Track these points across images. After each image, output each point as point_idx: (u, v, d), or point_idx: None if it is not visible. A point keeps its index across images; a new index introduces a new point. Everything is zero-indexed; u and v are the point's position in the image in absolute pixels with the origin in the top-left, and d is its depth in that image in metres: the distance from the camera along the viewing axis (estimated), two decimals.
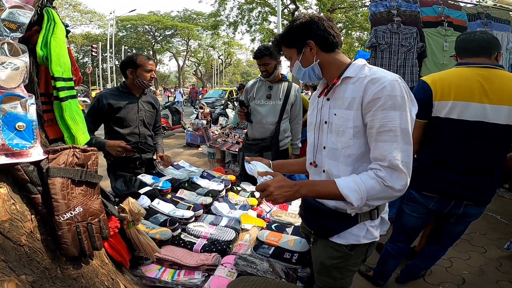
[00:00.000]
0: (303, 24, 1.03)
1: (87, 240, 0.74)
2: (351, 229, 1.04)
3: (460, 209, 1.57)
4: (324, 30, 1.02)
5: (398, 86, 0.89)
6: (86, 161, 0.77)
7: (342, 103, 1.00)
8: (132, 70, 1.90)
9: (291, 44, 1.08)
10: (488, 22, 3.67)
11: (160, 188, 1.74)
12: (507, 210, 3.42)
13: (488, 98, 1.40)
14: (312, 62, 1.05)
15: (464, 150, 1.49)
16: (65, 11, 26.85)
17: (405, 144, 0.88)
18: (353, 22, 13.14)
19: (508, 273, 2.27)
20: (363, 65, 1.01)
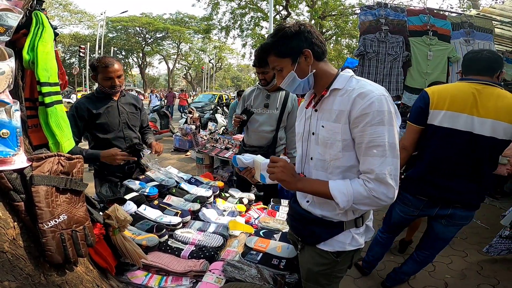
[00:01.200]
0: (297, 32, 0.98)
1: (71, 247, 0.73)
2: (337, 237, 1.06)
3: (447, 211, 1.67)
4: (317, 38, 1.00)
5: (385, 101, 0.90)
6: (71, 169, 0.76)
7: (329, 116, 1.00)
8: (94, 75, 1.84)
9: (284, 53, 1.01)
10: (471, 31, 3.81)
11: (147, 194, 1.72)
12: (486, 215, 3.52)
13: (477, 111, 1.52)
14: (308, 73, 1.01)
15: (454, 157, 1.59)
16: (55, 11, 26.27)
17: (393, 157, 0.91)
18: (342, 30, 13.39)
19: (489, 276, 2.34)
20: (350, 76, 1.00)
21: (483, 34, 3.89)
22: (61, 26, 27.98)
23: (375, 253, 2.18)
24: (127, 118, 1.96)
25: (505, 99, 1.51)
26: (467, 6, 10.73)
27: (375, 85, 0.95)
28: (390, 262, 2.40)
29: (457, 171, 1.60)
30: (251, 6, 14.50)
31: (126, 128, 1.95)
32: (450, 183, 1.62)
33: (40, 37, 0.88)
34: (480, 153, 1.55)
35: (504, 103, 1.50)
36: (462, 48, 3.76)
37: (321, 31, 14.60)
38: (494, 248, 2.47)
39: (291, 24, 1.01)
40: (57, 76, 0.92)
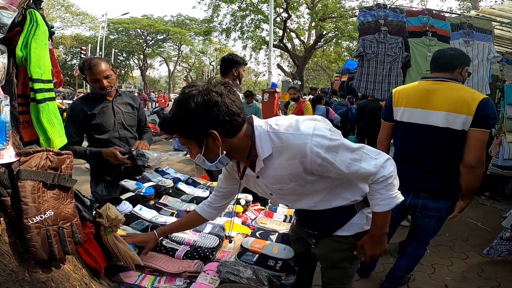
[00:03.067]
0: (200, 108, 0.81)
1: (57, 244, 0.72)
2: (352, 220, 1.11)
3: (419, 201, 1.78)
4: (228, 111, 0.84)
5: (317, 141, 0.88)
6: (60, 165, 0.75)
7: (281, 179, 0.99)
8: (84, 76, 1.83)
9: (188, 134, 0.88)
10: (470, 32, 3.81)
11: (143, 194, 1.70)
12: (487, 217, 3.51)
13: (431, 105, 1.68)
14: (219, 155, 0.89)
15: (415, 148, 1.76)
16: (57, 12, 26.46)
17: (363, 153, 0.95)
18: (342, 32, 13.41)
19: (490, 278, 2.33)
20: (266, 132, 0.93)
21: (482, 34, 3.88)
22: (62, 27, 28.18)
23: None
24: (123, 118, 1.95)
25: (455, 92, 1.64)
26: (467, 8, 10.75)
27: (296, 134, 0.90)
28: (390, 264, 2.37)
29: (419, 161, 1.75)
30: (252, 9, 14.54)
31: (122, 128, 1.94)
32: (414, 173, 1.76)
33: (33, 34, 0.88)
34: (438, 143, 1.68)
35: (454, 95, 1.63)
36: (462, 48, 3.75)
37: (321, 33, 14.65)
38: (495, 250, 2.46)
39: (195, 92, 0.83)
40: (50, 74, 0.92)
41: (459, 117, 1.60)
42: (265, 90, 8.71)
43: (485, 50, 3.80)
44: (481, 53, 3.79)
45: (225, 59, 2.40)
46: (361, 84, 3.76)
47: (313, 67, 24.15)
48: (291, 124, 0.93)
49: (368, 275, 2.28)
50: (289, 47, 16.19)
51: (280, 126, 0.93)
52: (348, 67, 8.60)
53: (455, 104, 1.61)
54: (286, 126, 0.93)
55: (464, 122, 1.59)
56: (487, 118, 1.57)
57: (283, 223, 1.65)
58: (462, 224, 3.28)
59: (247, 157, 0.96)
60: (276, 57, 18.99)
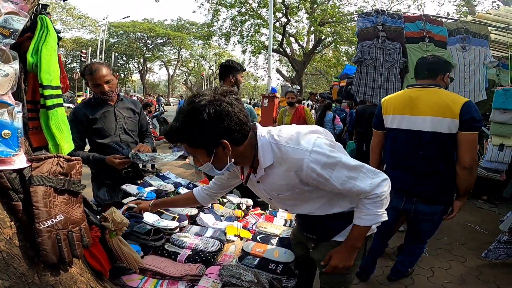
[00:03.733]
0: (212, 119, 0.82)
1: (67, 247, 0.74)
2: (349, 226, 1.10)
3: (412, 205, 1.82)
4: (238, 121, 0.86)
5: (314, 157, 0.90)
6: (69, 170, 0.77)
7: (279, 188, 1.03)
8: (86, 81, 1.85)
9: (198, 144, 0.88)
10: (467, 37, 3.85)
11: (145, 198, 1.71)
12: (485, 220, 3.53)
13: (417, 111, 1.74)
14: (227, 163, 0.91)
15: (406, 153, 1.80)
16: (58, 15, 26.45)
17: (360, 172, 0.97)
18: (341, 36, 13.52)
19: (489, 281, 2.34)
20: (269, 142, 0.95)
21: (478, 39, 3.92)
22: (63, 30, 28.18)
23: (367, 259, 2.17)
24: (124, 123, 1.96)
25: (438, 97, 1.70)
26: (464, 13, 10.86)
27: (295, 149, 0.92)
28: (388, 268, 2.39)
29: (411, 166, 1.79)
30: (251, 13, 14.66)
31: (123, 133, 1.95)
32: (406, 178, 1.80)
33: (44, 40, 0.90)
34: (427, 148, 1.73)
35: (436, 99, 1.69)
36: (458, 54, 3.80)
37: (320, 38, 14.75)
38: (493, 253, 2.47)
39: (205, 102, 0.82)
40: (59, 80, 0.94)
41: (444, 121, 1.65)
42: (264, 95, 8.74)
43: (481, 55, 3.84)
44: (478, 58, 3.83)
45: (223, 65, 2.46)
46: (360, 89, 3.80)
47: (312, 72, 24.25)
48: (292, 137, 0.95)
49: (368, 278, 2.29)
50: (288, 52, 16.29)
51: (282, 138, 0.95)
52: (346, 72, 8.63)
53: (438, 108, 1.67)
54: (287, 138, 0.94)
55: (450, 125, 1.64)
56: (473, 121, 1.63)
57: (283, 227, 1.67)
58: (460, 228, 3.30)
59: (251, 165, 0.98)
60: (275, 62, 19.08)
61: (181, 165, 6.09)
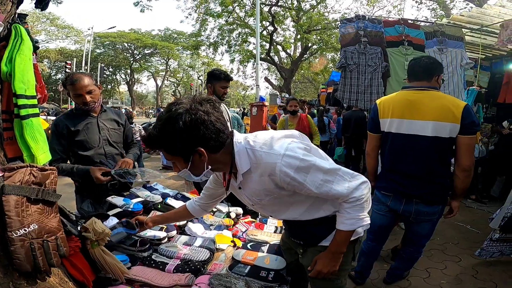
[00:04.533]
0: (188, 128, 0.83)
1: (42, 256, 0.73)
2: (335, 231, 1.08)
3: (412, 207, 1.81)
4: (214, 129, 0.88)
5: (287, 161, 0.91)
6: (44, 180, 0.76)
7: (258, 193, 1.04)
8: (67, 91, 1.80)
9: (175, 151, 0.90)
10: (443, 39, 3.99)
11: (131, 209, 1.67)
12: (476, 219, 3.59)
13: (417, 115, 1.72)
14: (204, 169, 0.93)
15: (405, 157, 1.80)
16: (42, 25, 26.02)
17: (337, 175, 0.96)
18: (327, 43, 13.79)
19: (485, 280, 2.35)
20: (245, 148, 0.96)
21: (454, 42, 4.06)
22: (47, 40, 27.64)
23: (363, 263, 2.20)
24: (108, 134, 1.91)
25: (440, 101, 1.69)
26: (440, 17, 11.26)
27: (268, 153, 0.93)
28: (384, 271, 2.38)
29: (409, 170, 1.79)
30: (239, 23, 14.81)
31: (107, 144, 1.90)
32: (405, 180, 1.80)
33: (18, 49, 0.88)
34: (427, 151, 1.73)
35: (438, 104, 1.68)
36: (436, 56, 3.92)
37: (307, 45, 15.01)
38: (486, 251, 2.49)
39: (182, 110, 0.84)
40: (34, 89, 0.91)
41: (447, 125, 1.65)
42: (253, 104, 8.78)
43: (458, 57, 3.98)
44: (455, 60, 3.97)
45: (207, 74, 2.50)
46: (345, 95, 3.86)
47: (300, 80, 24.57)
48: (266, 142, 0.96)
49: (364, 282, 2.28)
50: (276, 60, 16.49)
51: (256, 143, 0.96)
52: (333, 79, 8.78)
53: (440, 113, 1.66)
54: (262, 143, 0.95)
55: (452, 129, 1.66)
56: (473, 125, 1.66)
57: (274, 234, 1.65)
58: (451, 228, 3.34)
59: (229, 171, 1.00)
60: (264, 71, 19.29)
61: (171, 177, 6.00)
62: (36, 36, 25.17)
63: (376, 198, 1.98)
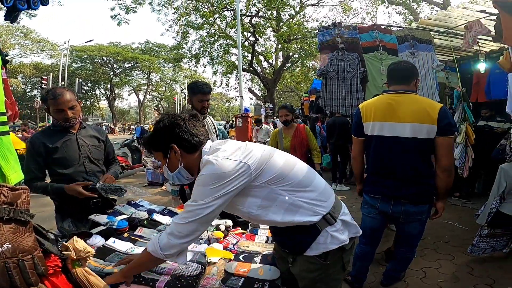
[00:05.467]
0: (166, 127, 1.06)
1: (18, 275, 0.72)
2: (317, 239, 1.09)
3: (400, 208, 1.84)
4: (187, 131, 1.07)
5: (207, 169, 0.99)
6: (15, 200, 0.73)
7: None
8: (47, 108, 1.73)
9: (157, 147, 1.12)
10: (414, 43, 4.16)
11: (116, 227, 1.60)
12: (463, 217, 3.65)
13: (397, 117, 1.78)
14: (178, 166, 1.09)
15: (389, 159, 1.84)
16: (15, 39, 25.30)
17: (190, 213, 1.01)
18: (307, 52, 14.11)
19: (481, 276, 2.35)
20: (206, 156, 1.06)
21: (424, 45, 4.24)
22: (21, 55, 26.82)
23: (359, 267, 2.19)
24: (89, 151, 1.85)
25: (417, 104, 1.76)
26: (409, 22, 11.78)
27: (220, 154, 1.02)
28: (379, 273, 2.37)
29: (394, 171, 1.83)
30: (220, 34, 14.94)
31: (88, 162, 1.83)
32: (390, 182, 1.84)
33: None
34: (408, 152, 1.78)
35: (416, 107, 1.75)
36: (409, 60, 4.07)
37: (288, 55, 15.31)
38: (477, 248, 2.52)
39: (165, 117, 1.10)
40: (3, 106, 0.86)
41: (423, 127, 1.71)
42: (238, 115, 8.76)
43: (428, 60, 4.16)
44: (426, 63, 4.14)
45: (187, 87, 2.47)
46: (327, 102, 3.92)
47: (283, 89, 24.94)
48: (216, 149, 1.07)
49: (361, 286, 2.25)
50: (259, 71, 16.70)
51: (210, 152, 1.08)
52: (315, 87, 8.92)
53: (418, 115, 1.73)
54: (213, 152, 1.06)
55: (429, 130, 1.72)
56: (450, 126, 1.73)
57: (265, 244, 1.62)
58: (440, 226, 3.37)
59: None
60: (247, 81, 19.43)
61: (158, 193, 5.85)
62: (9, 50, 24.34)
63: (365, 201, 2.00)
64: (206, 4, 13.71)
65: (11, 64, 25.47)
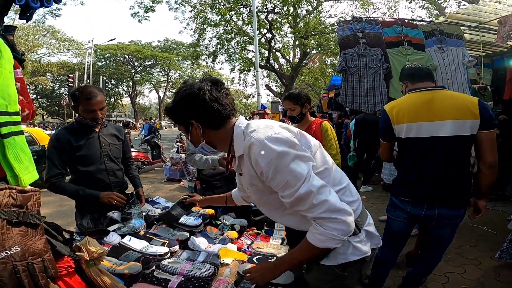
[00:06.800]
0: (184, 100, 0.95)
1: (27, 279, 0.71)
2: (337, 249, 1.00)
3: (435, 211, 1.74)
4: (207, 107, 0.94)
5: (266, 148, 0.87)
6: (25, 202, 0.73)
7: (246, 181, 1.03)
8: (75, 105, 1.75)
9: (178, 121, 1.03)
10: (443, 38, 3.94)
11: (132, 225, 1.62)
12: (492, 220, 3.43)
13: (434, 116, 1.67)
14: (200, 141, 1.01)
15: (426, 161, 1.73)
16: (43, 38, 26.51)
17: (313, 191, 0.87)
18: (325, 48, 13.81)
19: (509, 282, 2.23)
20: (243, 133, 0.96)
21: (454, 40, 4.01)
22: (49, 54, 28.18)
23: (379, 271, 2.11)
24: (109, 150, 1.88)
25: (454, 99, 1.67)
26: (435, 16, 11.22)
27: (252, 136, 0.92)
28: (399, 278, 2.28)
29: (433, 173, 1.71)
30: (237, 31, 14.92)
31: (108, 160, 1.87)
32: (427, 185, 1.73)
33: None
34: (450, 152, 1.67)
35: (453, 102, 1.65)
36: (437, 55, 3.86)
37: (305, 51, 15.06)
38: (506, 253, 2.39)
39: (188, 85, 0.96)
40: (17, 105, 0.86)
41: (466, 122, 1.61)
42: (255, 112, 8.76)
43: (459, 55, 3.92)
44: (456, 58, 3.91)
45: None
46: (348, 98, 3.78)
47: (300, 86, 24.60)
48: (259, 127, 0.95)
49: None
50: (276, 67, 16.54)
51: (251, 127, 0.96)
52: (334, 83, 8.73)
53: (458, 110, 1.63)
54: (255, 128, 0.95)
55: (472, 126, 1.61)
56: (491, 119, 1.63)
57: (280, 247, 1.59)
58: (468, 230, 3.20)
59: (228, 152, 1.02)
60: (264, 78, 19.31)
61: (175, 189, 5.96)
62: (38, 49, 25.67)
63: (393, 204, 1.91)
64: (222, 1, 13.70)
65: (40, 63, 26.93)
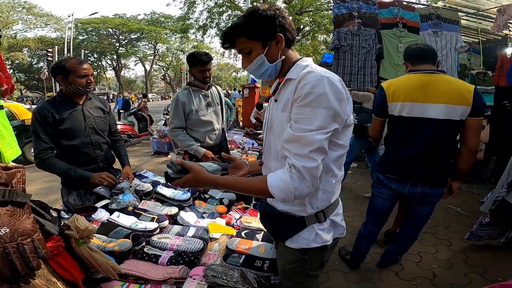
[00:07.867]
0: (272, 16, 0.94)
1: (19, 260, 0.69)
2: (301, 233, 1.02)
3: (417, 189, 1.84)
4: (289, 24, 0.98)
5: (323, 83, 0.86)
6: (10, 180, 0.69)
7: (280, 105, 0.99)
8: (63, 77, 1.70)
9: (256, 36, 0.96)
10: (438, 22, 3.92)
11: (120, 200, 1.62)
12: (466, 202, 3.60)
13: (429, 98, 1.72)
14: (277, 58, 0.98)
15: (415, 140, 1.79)
16: (18, 14, 25.11)
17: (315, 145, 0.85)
18: (319, 25, 13.50)
19: (475, 265, 2.36)
20: (306, 65, 0.97)
21: (449, 25, 4.00)
22: (25, 30, 26.72)
23: (361, 246, 2.22)
24: (94, 122, 1.83)
25: (450, 84, 1.71)
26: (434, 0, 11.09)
27: (324, 71, 0.91)
28: (377, 255, 2.40)
29: (419, 152, 1.79)
30: (229, 4, 14.31)
31: (94, 133, 1.82)
32: (412, 163, 1.81)
33: None
34: (438, 135, 1.74)
35: (449, 87, 1.69)
36: (431, 39, 3.86)
37: (299, 27, 14.68)
38: (475, 235, 2.51)
39: (265, 6, 0.96)
40: None
41: (458, 108, 1.67)
42: (245, 85, 8.70)
43: (452, 40, 3.94)
44: (449, 43, 3.92)
45: None
46: (338, 76, 3.77)
47: None
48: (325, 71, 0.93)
49: (358, 266, 2.31)
50: None
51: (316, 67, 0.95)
52: (325, 61, 8.63)
53: (452, 96, 1.67)
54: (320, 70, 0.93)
55: (463, 112, 1.67)
56: (483, 107, 1.68)
57: None
58: (442, 210, 3.35)
59: (284, 73, 1.01)
60: None
61: (163, 162, 5.93)
62: (13, 25, 24.32)
63: (379, 181, 1.99)
64: None
65: (16, 39, 25.65)
